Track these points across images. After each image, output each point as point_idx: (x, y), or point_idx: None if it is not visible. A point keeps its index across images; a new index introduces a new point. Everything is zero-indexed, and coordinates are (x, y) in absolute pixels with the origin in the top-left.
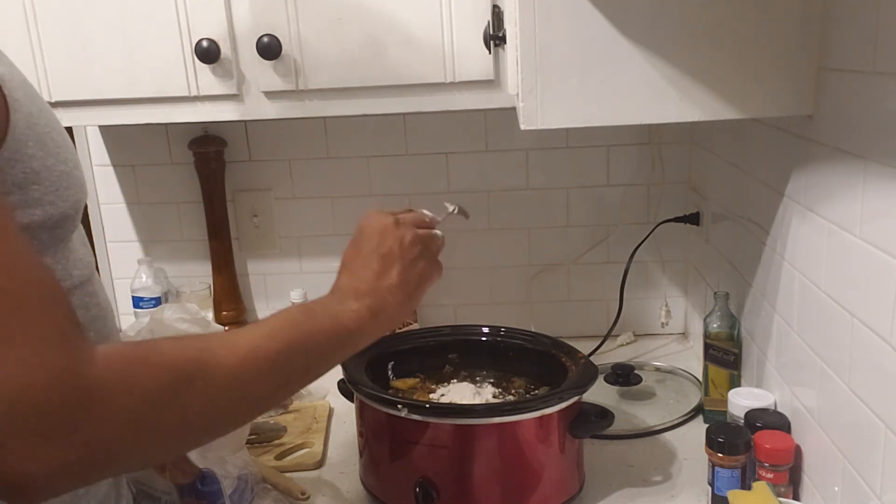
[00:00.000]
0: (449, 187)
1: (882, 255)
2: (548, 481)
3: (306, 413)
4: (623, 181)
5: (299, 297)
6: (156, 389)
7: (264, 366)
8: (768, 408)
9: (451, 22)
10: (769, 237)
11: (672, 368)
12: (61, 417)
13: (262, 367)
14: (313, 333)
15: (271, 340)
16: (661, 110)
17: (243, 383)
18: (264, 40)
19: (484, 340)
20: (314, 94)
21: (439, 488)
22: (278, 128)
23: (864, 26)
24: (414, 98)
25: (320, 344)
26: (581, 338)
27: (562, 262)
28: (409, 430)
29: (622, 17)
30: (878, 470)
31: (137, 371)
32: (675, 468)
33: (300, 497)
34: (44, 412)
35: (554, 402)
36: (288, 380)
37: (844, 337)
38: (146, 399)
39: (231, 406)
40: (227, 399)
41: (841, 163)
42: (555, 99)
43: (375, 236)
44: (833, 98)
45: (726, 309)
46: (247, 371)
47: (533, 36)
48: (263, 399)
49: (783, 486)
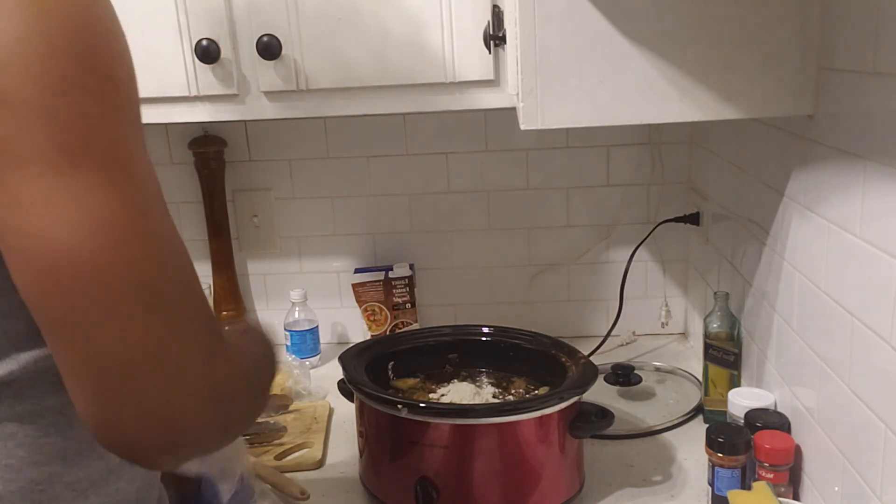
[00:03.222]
0: (449, 187)
1: (882, 255)
2: (548, 481)
3: (306, 413)
4: (623, 181)
5: (299, 296)
6: (257, 374)
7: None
8: (768, 408)
9: (451, 22)
10: (769, 237)
11: (672, 368)
12: (223, 391)
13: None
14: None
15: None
16: (661, 110)
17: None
18: (264, 40)
19: (484, 340)
20: (314, 94)
21: (439, 488)
22: (278, 128)
23: (864, 26)
24: (414, 98)
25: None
26: (581, 338)
27: (562, 262)
28: (409, 430)
29: (622, 17)
30: (878, 470)
31: (247, 357)
32: (675, 468)
33: (300, 497)
34: (211, 387)
35: (554, 402)
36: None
37: (844, 337)
38: (252, 377)
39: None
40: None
41: (841, 163)
42: (555, 99)
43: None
44: (833, 98)
45: (726, 309)
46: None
47: (533, 36)
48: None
49: (783, 486)
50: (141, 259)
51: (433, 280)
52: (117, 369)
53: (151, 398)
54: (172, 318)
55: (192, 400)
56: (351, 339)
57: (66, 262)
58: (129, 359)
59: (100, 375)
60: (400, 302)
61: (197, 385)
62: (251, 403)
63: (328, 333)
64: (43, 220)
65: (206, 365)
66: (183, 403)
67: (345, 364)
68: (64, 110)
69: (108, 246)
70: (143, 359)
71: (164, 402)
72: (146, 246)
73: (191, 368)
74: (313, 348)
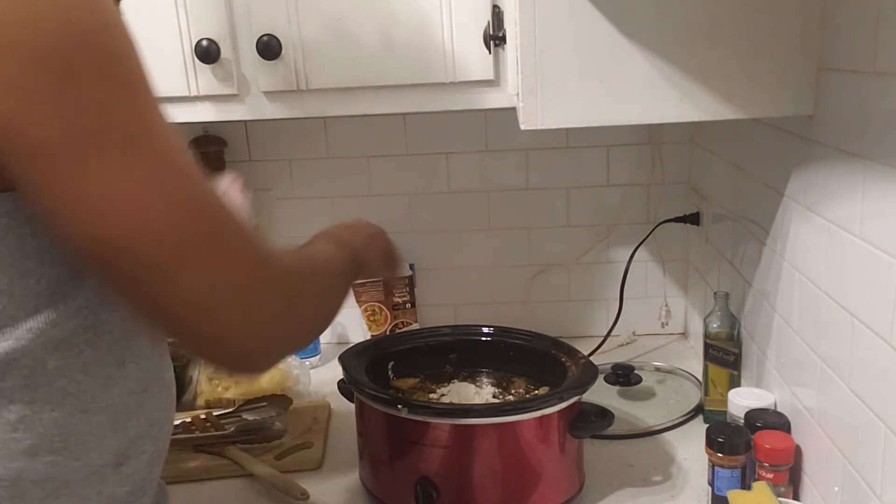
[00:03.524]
0: (449, 187)
1: (882, 255)
2: (548, 481)
3: (306, 413)
4: (623, 181)
5: None
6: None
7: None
8: (768, 408)
9: (451, 22)
10: (769, 237)
11: (672, 368)
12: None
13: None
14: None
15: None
16: (661, 110)
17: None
18: (264, 40)
19: (484, 340)
20: (314, 94)
21: (439, 488)
22: (278, 128)
23: (864, 26)
24: (414, 98)
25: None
26: (581, 338)
27: (562, 262)
28: (409, 430)
29: (622, 17)
30: (878, 470)
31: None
32: (675, 468)
33: (300, 497)
34: (274, 296)
35: (554, 402)
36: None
37: (844, 337)
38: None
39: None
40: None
41: (841, 163)
42: (555, 99)
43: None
44: (833, 98)
45: (726, 309)
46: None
47: (533, 36)
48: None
49: (783, 486)
50: (187, 216)
51: (433, 280)
52: (190, 307)
53: (221, 321)
54: (222, 252)
55: (256, 314)
56: (351, 339)
57: (127, 232)
58: (197, 297)
59: (177, 314)
60: (400, 302)
61: (254, 301)
62: (313, 307)
63: (328, 333)
64: (96, 202)
65: (257, 283)
66: (247, 318)
67: (345, 364)
68: (78, 94)
69: (158, 215)
70: (210, 293)
71: (230, 320)
72: (190, 204)
73: (246, 288)
74: (313, 348)
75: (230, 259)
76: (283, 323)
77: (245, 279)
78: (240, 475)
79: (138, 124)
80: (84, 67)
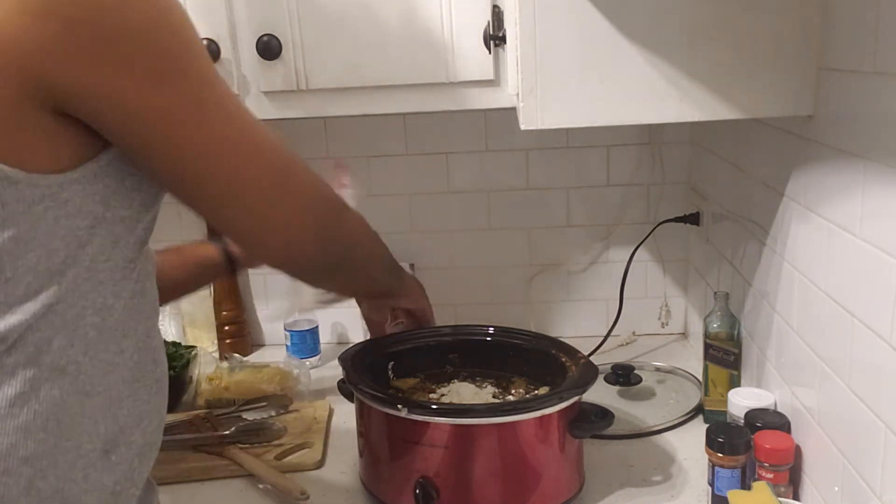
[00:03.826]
0: (449, 187)
1: (882, 255)
2: (548, 481)
3: (306, 413)
4: (623, 181)
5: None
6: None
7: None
8: (768, 408)
9: (451, 22)
10: (769, 237)
11: (672, 368)
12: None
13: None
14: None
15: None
16: (661, 110)
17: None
18: (264, 40)
19: (484, 340)
20: (314, 94)
21: (439, 488)
22: (278, 128)
23: (864, 26)
24: (414, 98)
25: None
26: (581, 338)
27: (562, 262)
28: (409, 430)
29: (622, 17)
30: (878, 470)
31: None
32: (675, 468)
33: (300, 497)
34: (327, 221)
35: (554, 402)
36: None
37: (844, 337)
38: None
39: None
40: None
41: (841, 163)
42: (555, 99)
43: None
44: (833, 98)
45: (726, 309)
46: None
47: (533, 36)
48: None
49: (783, 486)
50: (275, 161)
51: (433, 280)
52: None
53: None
54: (295, 184)
55: (313, 232)
56: (351, 339)
57: (232, 174)
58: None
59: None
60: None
61: (316, 226)
62: (362, 253)
63: (328, 333)
64: (207, 153)
65: (325, 214)
66: (306, 237)
67: (345, 364)
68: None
69: (250, 149)
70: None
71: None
72: (275, 152)
73: (311, 210)
74: (313, 348)
75: (304, 186)
76: (331, 252)
77: (314, 214)
78: (240, 475)
79: (223, 87)
80: (180, 50)
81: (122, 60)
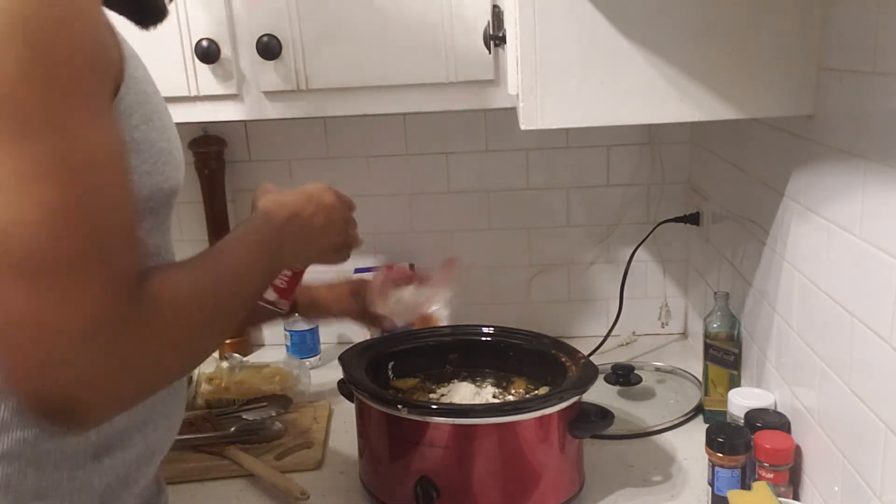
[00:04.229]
0: (449, 187)
1: (882, 255)
2: (548, 481)
3: (306, 413)
4: (623, 181)
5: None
6: (196, 320)
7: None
8: (768, 408)
9: (451, 22)
10: (769, 237)
11: (672, 368)
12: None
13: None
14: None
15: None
16: (661, 110)
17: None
18: (264, 40)
19: (484, 340)
20: (314, 94)
21: (439, 488)
22: (278, 128)
23: (864, 26)
24: (414, 98)
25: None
26: (581, 338)
27: (562, 262)
28: (409, 430)
29: (622, 17)
30: (878, 470)
31: (183, 306)
32: (675, 468)
33: (300, 497)
34: (105, 338)
35: (554, 402)
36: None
37: (844, 337)
38: (189, 325)
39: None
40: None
41: (841, 163)
42: (555, 99)
43: (314, 193)
44: (833, 98)
45: (726, 309)
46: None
47: (533, 36)
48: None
49: (783, 486)
50: (24, 232)
51: None
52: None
53: (31, 362)
54: (53, 288)
55: (78, 365)
56: (351, 339)
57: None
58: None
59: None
60: None
61: (81, 351)
62: (189, 343)
63: (328, 333)
64: None
65: (97, 331)
66: (67, 369)
67: (345, 364)
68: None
69: (22, 212)
70: (18, 322)
71: (42, 367)
72: (62, 212)
73: (71, 334)
74: (313, 348)
75: (89, 287)
76: (136, 375)
77: (103, 313)
78: (240, 475)
79: (46, 113)
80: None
81: None
